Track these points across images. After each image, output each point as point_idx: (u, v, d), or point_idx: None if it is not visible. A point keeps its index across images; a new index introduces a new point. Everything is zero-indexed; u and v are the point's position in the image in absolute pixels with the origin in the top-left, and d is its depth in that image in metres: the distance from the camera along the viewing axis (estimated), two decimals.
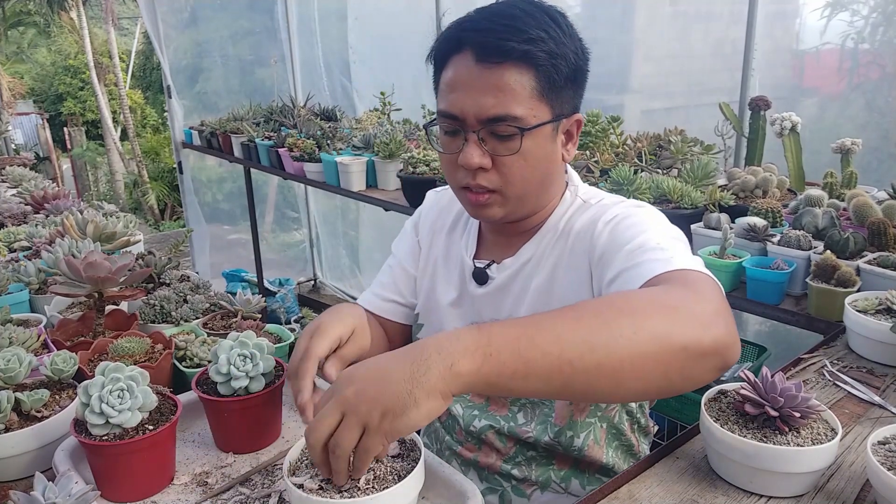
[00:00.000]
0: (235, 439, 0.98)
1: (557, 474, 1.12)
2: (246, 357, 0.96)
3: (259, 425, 0.99)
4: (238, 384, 0.94)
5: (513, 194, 1.01)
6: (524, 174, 0.99)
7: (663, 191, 1.90)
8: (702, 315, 0.73)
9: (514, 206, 1.03)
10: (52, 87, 17.00)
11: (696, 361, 0.72)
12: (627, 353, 0.69)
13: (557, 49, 0.94)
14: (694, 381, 0.73)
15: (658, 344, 0.70)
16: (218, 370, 0.95)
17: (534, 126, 0.95)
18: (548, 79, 0.95)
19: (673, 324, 0.71)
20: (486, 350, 0.67)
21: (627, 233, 0.95)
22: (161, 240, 8.48)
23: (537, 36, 0.93)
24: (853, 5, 2.36)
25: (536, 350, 0.67)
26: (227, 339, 0.98)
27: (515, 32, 0.92)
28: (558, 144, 1.02)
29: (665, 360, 0.70)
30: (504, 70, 0.93)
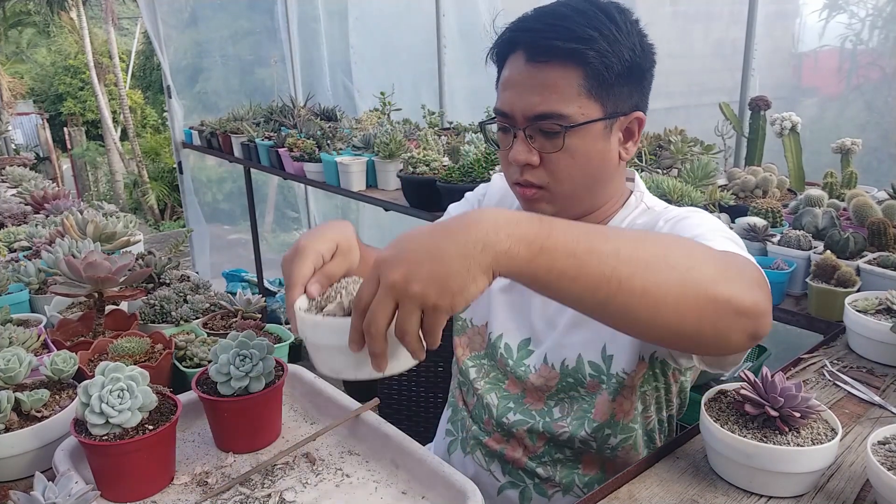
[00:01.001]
0: (235, 439, 0.98)
1: (582, 479, 1.10)
2: (246, 357, 0.96)
3: (259, 425, 0.99)
4: (238, 384, 0.94)
5: (560, 192, 1.00)
6: (571, 171, 0.98)
7: (663, 191, 1.90)
8: (749, 278, 0.76)
9: (564, 204, 1.02)
10: (52, 87, 17.00)
11: (732, 317, 0.72)
12: (675, 287, 0.69)
13: (610, 47, 0.94)
14: (724, 338, 0.74)
15: (704, 287, 0.71)
16: (218, 370, 0.95)
17: (579, 124, 0.95)
18: (598, 77, 0.94)
19: (724, 275, 0.73)
20: (543, 243, 0.67)
21: (685, 229, 0.95)
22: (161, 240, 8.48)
23: (586, 34, 0.93)
24: (851, 7, 2.36)
25: (592, 256, 0.67)
26: (227, 339, 0.98)
27: (563, 32, 0.93)
28: (613, 143, 1.00)
29: (704, 306, 0.71)
30: (551, 69, 0.94)
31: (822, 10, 2.42)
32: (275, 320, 4.50)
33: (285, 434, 1.03)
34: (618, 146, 1.02)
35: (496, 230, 0.66)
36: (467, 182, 2.25)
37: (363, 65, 4.42)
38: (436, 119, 3.32)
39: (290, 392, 1.12)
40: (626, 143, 1.03)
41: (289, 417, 1.08)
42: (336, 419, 1.02)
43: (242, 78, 5.17)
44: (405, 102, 3.62)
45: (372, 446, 0.96)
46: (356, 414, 1.00)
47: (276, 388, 0.98)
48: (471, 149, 2.51)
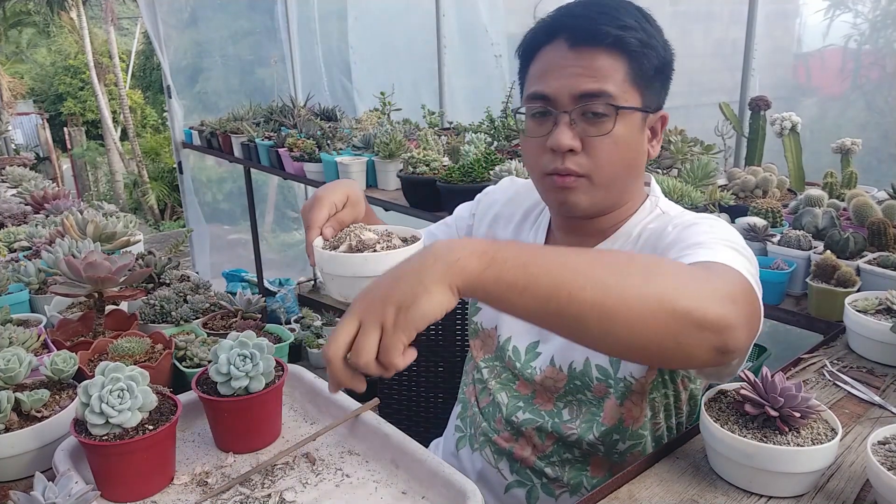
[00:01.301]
0: (235, 439, 0.98)
1: (590, 480, 1.10)
2: (246, 357, 0.96)
3: (259, 425, 0.99)
4: (238, 384, 0.94)
5: (601, 180, 0.99)
6: (613, 158, 0.98)
7: (663, 191, 1.90)
8: (715, 291, 0.73)
9: (601, 195, 1.01)
10: (52, 87, 16.99)
11: (693, 331, 0.70)
12: (628, 301, 0.69)
13: (648, 39, 0.96)
14: (688, 353, 0.72)
15: (660, 301, 0.69)
16: (218, 370, 0.95)
17: (627, 107, 0.96)
18: (639, 67, 0.96)
19: (683, 288, 0.71)
20: (493, 255, 0.69)
21: (690, 235, 0.95)
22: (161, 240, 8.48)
23: (630, 24, 0.95)
24: (856, 6, 2.36)
25: (541, 268, 0.68)
26: (227, 339, 0.98)
27: (609, 19, 0.95)
28: (645, 138, 1.02)
29: (662, 319, 0.69)
30: (598, 53, 0.95)
31: (826, 10, 2.41)
32: (275, 320, 4.50)
33: (285, 434, 1.03)
34: (646, 141, 1.03)
35: (449, 248, 0.70)
36: (467, 182, 2.25)
37: (363, 65, 4.42)
38: (436, 119, 3.32)
39: (290, 392, 1.12)
40: (652, 140, 1.04)
41: (289, 417, 1.08)
42: (336, 419, 1.02)
43: (242, 78, 5.16)
44: (405, 102, 3.62)
45: (372, 446, 0.96)
46: (356, 414, 1.00)
47: (276, 388, 0.98)
48: (471, 149, 2.51)
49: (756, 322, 0.79)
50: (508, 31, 3.61)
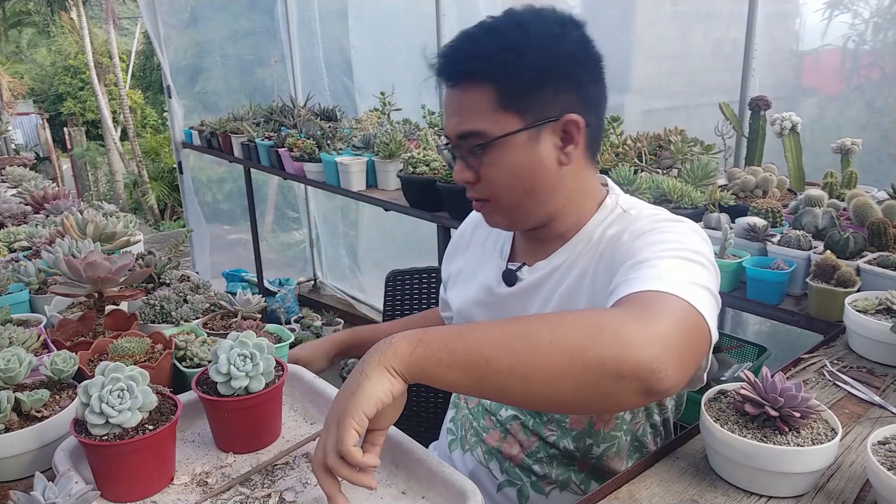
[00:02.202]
0: (235, 439, 0.98)
1: (577, 476, 1.11)
2: (246, 357, 0.96)
3: (259, 425, 0.99)
4: (238, 384, 0.94)
5: (503, 203, 1.04)
6: (505, 183, 1.01)
7: (663, 191, 1.90)
8: (631, 336, 0.73)
9: (515, 215, 1.05)
10: (52, 87, 16.99)
11: (612, 380, 0.72)
12: (539, 362, 0.72)
13: (518, 58, 0.95)
14: (613, 400, 0.75)
15: (570, 356, 0.72)
16: (218, 370, 0.95)
17: (496, 138, 0.97)
18: (509, 90, 0.96)
19: (592, 340, 0.73)
20: (420, 337, 0.77)
21: (643, 248, 0.94)
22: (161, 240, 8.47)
23: (489, 52, 0.96)
24: (854, 6, 2.36)
25: (460, 343, 0.75)
26: (227, 339, 0.98)
27: (463, 53, 0.98)
28: (544, 150, 0.99)
29: (576, 374, 0.72)
30: (462, 89, 0.99)
31: (824, 10, 2.41)
32: (275, 320, 4.51)
33: (285, 434, 1.03)
34: (555, 152, 1.00)
35: (383, 343, 0.77)
36: None
37: (364, 65, 4.42)
38: (436, 119, 3.32)
39: (290, 392, 1.12)
40: (566, 147, 1.00)
41: (289, 417, 1.08)
42: None
43: (242, 78, 5.16)
44: (405, 102, 3.62)
45: None
46: None
47: (276, 388, 0.98)
48: None
49: (696, 351, 0.79)
50: None
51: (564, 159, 1.01)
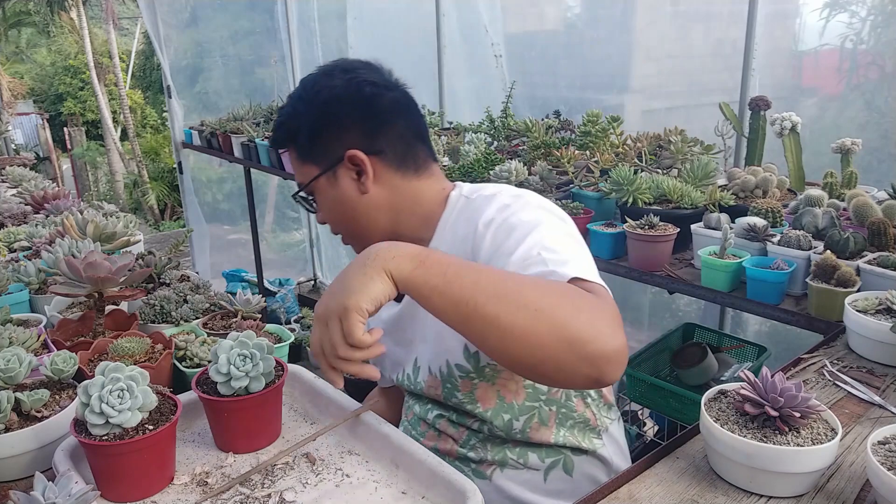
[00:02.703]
0: (235, 439, 0.98)
1: (513, 451, 1.16)
2: (246, 357, 0.96)
3: (259, 425, 0.99)
4: (238, 384, 0.94)
5: (346, 235, 1.20)
6: (333, 219, 1.19)
7: (663, 191, 1.90)
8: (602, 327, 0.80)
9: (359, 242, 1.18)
10: (52, 87, 16.99)
11: (576, 360, 0.79)
12: (522, 323, 0.79)
13: (296, 121, 1.15)
14: (565, 376, 0.81)
15: (550, 328, 0.79)
16: (218, 370, 0.95)
17: (305, 185, 1.17)
18: (300, 146, 1.16)
19: (572, 320, 0.79)
20: (422, 259, 0.82)
21: (511, 239, 0.99)
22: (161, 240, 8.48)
23: (283, 121, 1.18)
24: (852, 6, 2.36)
25: (457, 278, 0.81)
26: (227, 339, 0.98)
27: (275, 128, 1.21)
28: (345, 185, 1.14)
29: (549, 344, 0.79)
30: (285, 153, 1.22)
31: (822, 10, 2.41)
32: (275, 320, 4.50)
33: (285, 434, 1.03)
34: (354, 184, 1.14)
35: (388, 248, 0.84)
36: (467, 182, 2.25)
37: None
38: (436, 119, 3.32)
39: (290, 392, 1.12)
40: (361, 178, 1.14)
41: (289, 417, 1.08)
42: (336, 419, 1.02)
43: (242, 78, 5.16)
44: None
45: (372, 446, 0.96)
46: (356, 414, 1.00)
47: (276, 388, 0.98)
48: (471, 149, 2.51)
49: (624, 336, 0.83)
50: (508, 31, 3.61)
51: (363, 188, 1.14)
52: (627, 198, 1.89)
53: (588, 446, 1.18)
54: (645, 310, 3.35)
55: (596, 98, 3.31)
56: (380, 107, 1.14)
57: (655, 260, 1.76)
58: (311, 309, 4.89)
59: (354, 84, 1.15)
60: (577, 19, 3.52)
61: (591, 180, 2.15)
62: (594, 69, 3.32)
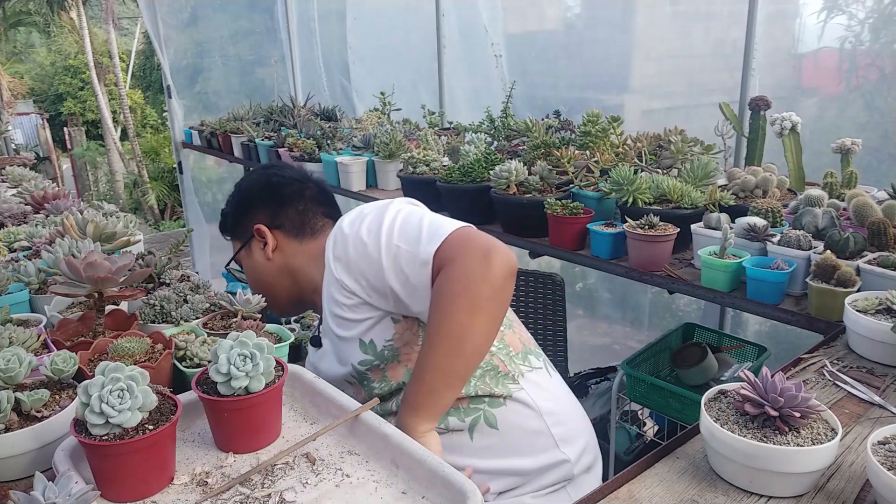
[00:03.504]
0: (236, 439, 0.98)
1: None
2: (246, 357, 0.96)
3: (259, 425, 0.99)
4: (238, 384, 0.94)
5: (263, 293, 1.39)
6: (252, 282, 1.52)
7: (663, 191, 1.90)
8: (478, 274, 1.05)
9: (273, 300, 1.48)
10: (52, 87, 17.00)
11: (502, 290, 1.08)
12: (470, 347, 1.08)
13: (226, 209, 1.56)
14: (507, 297, 1.10)
15: (482, 330, 1.08)
16: (218, 370, 0.95)
17: (231, 259, 1.54)
18: (228, 229, 1.56)
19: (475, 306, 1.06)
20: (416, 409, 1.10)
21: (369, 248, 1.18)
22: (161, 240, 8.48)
23: (222, 212, 1.58)
24: (851, 7, 2.36)
25: (428, 398, 1.10)
26: (227, 339, 0.98)
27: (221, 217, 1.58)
28: (257, 255, 1.47)
29: (489, 320, 1.08)
30: None
31: (820, 12, 2.42)
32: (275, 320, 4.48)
33: (285, 434, 1.03)
34: (262, 253, 1.46)
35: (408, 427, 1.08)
36: (467, 182, 2.25)
37: (361, 65, 4.42)
38: (436, 119, 3.32)
39: (290, 392, 1.12)
40: (265, 247, 1.45)
41: (289, 417, 1.08)
42: (336, 419, 1.02)
43: (242, 78, 5.16)
44: (405, 102, 3.62)
45: (372, 446, 0.96)
46: (356, 414, 1.00)
47: (276, 388, 0.98)
48: (471, 149, 2.51)
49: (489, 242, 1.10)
50: (508, 31, 3.61)
51: (269, 255, 1.46)
52: (627, 198, 1.89)
53: (502, 391, 1.23)
54: (645, 310, 3.36)
55: (596, 98, 3.31)
56: (282, 192, 1.48)
57: (655, 260, 1.76)
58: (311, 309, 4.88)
59: (265, 176, 1.53)
60: (577, 19, 3.52)
61: (591, 180, 2.15)
62: (594, 69, 3.32)
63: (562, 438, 1.27)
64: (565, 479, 1.28)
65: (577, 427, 1.33)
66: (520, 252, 2.64)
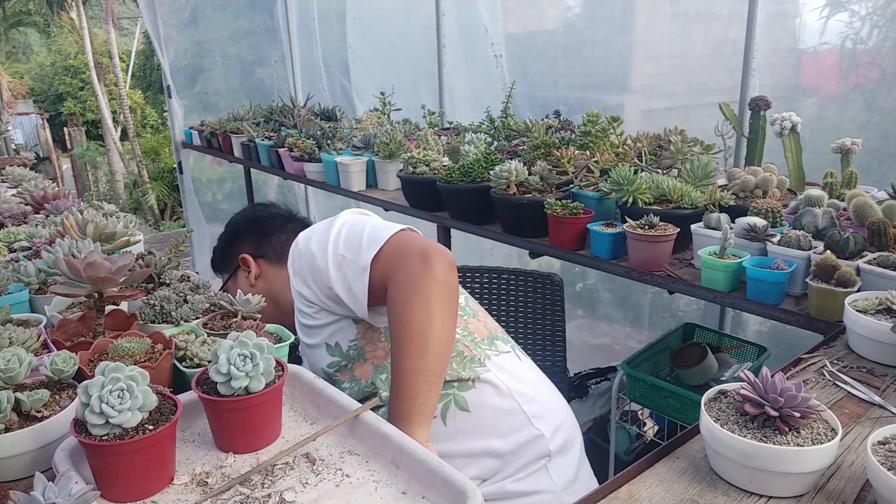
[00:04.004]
0: (235, 439, 0.98)
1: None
2: (246, 357, 0.96)
3: (259, 425, 0.99)
4: (238, 384, 0.94)
5: None
6: None
7: (663, 191, 1.90)
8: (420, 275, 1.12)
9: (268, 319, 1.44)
10: (52, 87, 17.00)
11: (448, 283, 1.14)
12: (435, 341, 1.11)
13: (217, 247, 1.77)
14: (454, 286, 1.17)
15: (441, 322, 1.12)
16: (218, 370, 0.95)
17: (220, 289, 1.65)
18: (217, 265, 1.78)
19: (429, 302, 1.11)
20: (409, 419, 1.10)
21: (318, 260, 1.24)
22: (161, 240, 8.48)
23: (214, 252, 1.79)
24: (852, 6, 2.36)
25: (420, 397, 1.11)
26: (227, 339, 0.98)
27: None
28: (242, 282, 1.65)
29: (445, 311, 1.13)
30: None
31: (822, 9, 2.41)
32: None
33: (285, 434, 1.03)
34: (247, 280, 1.64)
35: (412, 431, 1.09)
36: (467, 182, 2.25)
37: (361, 65, 4.42)
38: (436, 119, 3.32)
39: (290, 392, 1.12)
40: (249, 274, 1.64)
41: (289, 417, 1.08)
42: (336, 419, 1.02)
43: (242, 78, 5.16)
44: (405, 102, 3.62)
45: (372, 446, 0.96)
46: (356, 414, 1.00)
47: (275, 388, 0.98)
48: (471, 149, 2.51)
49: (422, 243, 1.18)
50: (508, 30, 3.61)
51: (253, 281, 1.63)
52: (627, 198, 1.89)
53: (469, 374, 1.26)
54: (645, 310, 3.36)
55: (596, 98, 3.31)
56: (266, 224, 1.67)
57: (655, 260, 1.76)
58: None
59: (251, 212, 1.76)
60: (577, 19, 3.52)
61: (591, 180, 2.14)
62: (594, 69, 3.32)
63: (534, 415, 1.30)
64: (542, 457, 1.29)
65: (552, 406, 1.36)
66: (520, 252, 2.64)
